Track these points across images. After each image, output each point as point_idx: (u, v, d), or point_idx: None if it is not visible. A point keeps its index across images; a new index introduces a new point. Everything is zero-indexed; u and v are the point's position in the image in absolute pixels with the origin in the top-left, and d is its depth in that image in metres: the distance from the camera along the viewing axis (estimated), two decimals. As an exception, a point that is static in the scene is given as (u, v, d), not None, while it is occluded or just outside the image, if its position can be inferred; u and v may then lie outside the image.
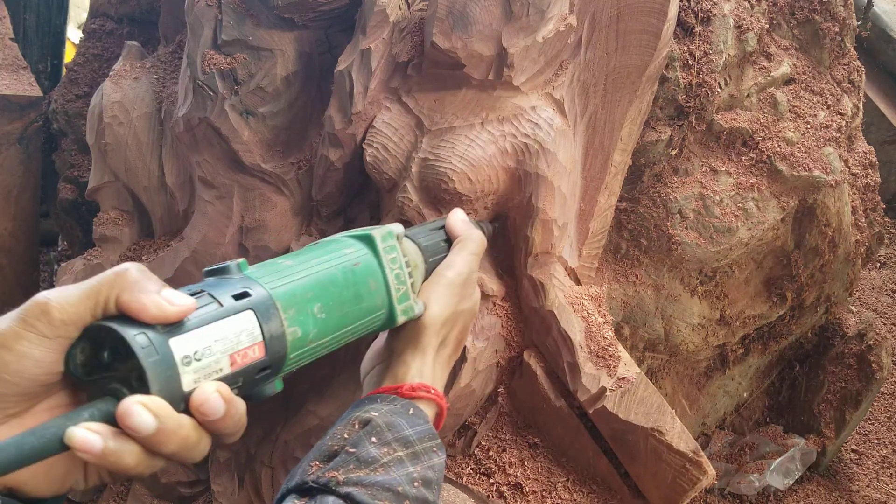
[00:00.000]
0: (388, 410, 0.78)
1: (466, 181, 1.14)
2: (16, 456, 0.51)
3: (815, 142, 1.42)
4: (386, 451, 0.74)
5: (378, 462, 0.73)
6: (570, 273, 1.23)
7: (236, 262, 0.71)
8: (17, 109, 1.82)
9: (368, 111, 1.20)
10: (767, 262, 1.51)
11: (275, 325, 0.67)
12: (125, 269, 0.60)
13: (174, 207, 1.42)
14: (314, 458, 0.75)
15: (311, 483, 0.72)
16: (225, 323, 0.63)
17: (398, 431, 0.76)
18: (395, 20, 1.19)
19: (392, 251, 0.85)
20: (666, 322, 1.44)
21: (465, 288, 0.92)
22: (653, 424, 1.10)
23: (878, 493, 1.75)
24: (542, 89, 1.20)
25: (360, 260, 0.81)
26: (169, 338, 0.59)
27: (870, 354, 1.68)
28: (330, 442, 0.76)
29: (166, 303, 0.59)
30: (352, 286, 0.78)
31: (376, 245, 0.83)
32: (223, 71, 1.24)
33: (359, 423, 0.76)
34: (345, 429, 0.76)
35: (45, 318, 0.56)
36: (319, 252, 0.80)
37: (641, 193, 1.37)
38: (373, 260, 0.82)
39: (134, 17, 1.78)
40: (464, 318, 0.93)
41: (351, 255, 0.81)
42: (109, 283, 0.59)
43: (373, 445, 0.74)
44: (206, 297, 0.64)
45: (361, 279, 0.80)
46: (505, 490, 1.17)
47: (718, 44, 1.31)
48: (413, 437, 0.77)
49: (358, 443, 0.74)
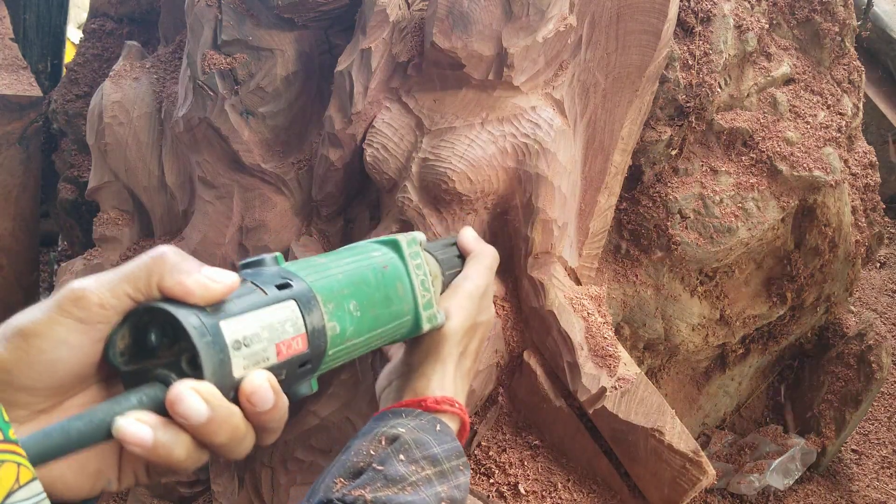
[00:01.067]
0: (415, 426, 0.76)
1: (466, 181, 1.14)
2: (61, 441, 0.47)
3: (815, 142, 1.42)
4: (414, 468, 0.72)
5: (406, 481, 0.71)
6: (570, 273, 1.23)
7: (273, 256, 0.70)
8: (17, 109, 1.82)
9: (368, 111, 1.20)
10: (767, 262, 1.51)
11: (316, 318, 0.66)
12: (163, 253, 0.57)
13: (174, 207, 1.42)
14: (338, 474, 0.73)
15: (336, 501, 0.70)
16: (271, 310, 0.61)
17: (426, 449, 0.74)
18: (395, 20, 1.19)
19: (416, 257, 0.84)
20: (666, 322, 1.44)
21: (483, 300, 0.91)
22: (653, 424, 1.10)
23: (878, 493, 1.75)
24: (542, 89, 1.20)
25: (389, 263, 0.81)
26: (220, 320, 0.57)
27: (870, 354, 1.68)
28: (355, 458, 0.73)
29: (210, 281, 0.57)
30: (382, 288, 0.78)
31: (402, 250, 0.83)
32: (223, 71, 1.24)
33: (385, 440, 0.74)
34: (370, 444, 0.74)
35: (83, 304, 0.53)
36: (349, 253, 0.79)
37: (641, 193, 1.37)
38: (400, 264, 0.82)
39: (134, 17, 1.78)
40: (482, 330, 0.92)
41: (379, 258, 0.81)
42: (148, 267, 0.56)
43: (401, 463, 0.72)
44: (249, 285, 0.63)
45: (390, 282, 0.79)
46: (505, 490, 1.17)
47: (718, 44, 1.31)
48: (441, 456, 0.75)
49: (385, 460, 0.72)
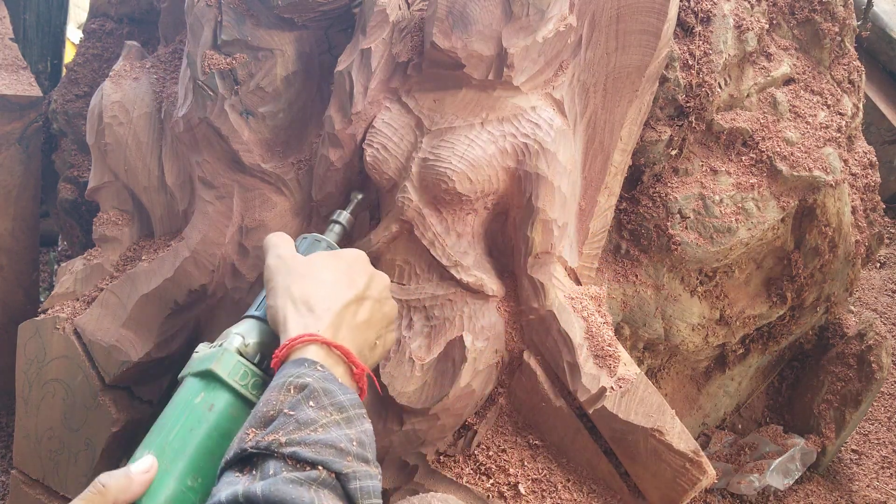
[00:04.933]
0: (320, 377, 0.80)
1: (466, 181, 1.14)
2: None
3: (815, 142, 1.42)
4: (323, 413, 0.77)
5: (317, 423, 0.75)
6: (570, 273, 1.23)
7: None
8: (17, 109, 1.82)
9: (368, 111, 1.20)
10: (767, 262, 1.51)
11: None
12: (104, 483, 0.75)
13: (174, 207, 1.42)
14: (250, 425, 0.77)
15: (249, 450, 0.74)
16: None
17: (334, 397, 0.79)
18: (395, 20, 1.19)
19: (238, 369, 0.88)
20: (666, 322, 1.44)
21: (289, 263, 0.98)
22: (653, 424, 1.10)
23: (878, 493, 1.75)
24: (542, 89, 1.20)
25: (212, 401, 0.85)
26: None
27: (870, 354, 1.68)
28: (265, 408, 0.78)
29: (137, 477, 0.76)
30: (217, 430, 0.83)
31: (221, 378, 0.86)
32: (223, 71, 1.24)
33: (294, 388, 0.78)
34: (279, 394, 0.78)
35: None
36: (175, 415, 0.85)
37: (641, 193, 1.37)
38: (224, 393, 0.86)
39: (134, 17, 1.78)
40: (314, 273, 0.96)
41: (201, 402, 0.85)
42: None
43: (311, 409, 0.76)
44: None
45: (223, 418, 0.84)
46: (505, 490, 1.17)
47: (718, 44, 1.31)
48: (347, 404, 0.79)
49: (296, 406, 0.76)
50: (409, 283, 1.21)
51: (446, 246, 1.18)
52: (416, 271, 1.21)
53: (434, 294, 1.19)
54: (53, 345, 1.39)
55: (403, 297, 1.20)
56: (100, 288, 1.43)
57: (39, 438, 1.41)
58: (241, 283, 1.30)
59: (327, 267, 0.98)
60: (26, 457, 1.44)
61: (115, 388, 1.38)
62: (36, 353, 1.41)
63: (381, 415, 1.20)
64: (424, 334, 1.19)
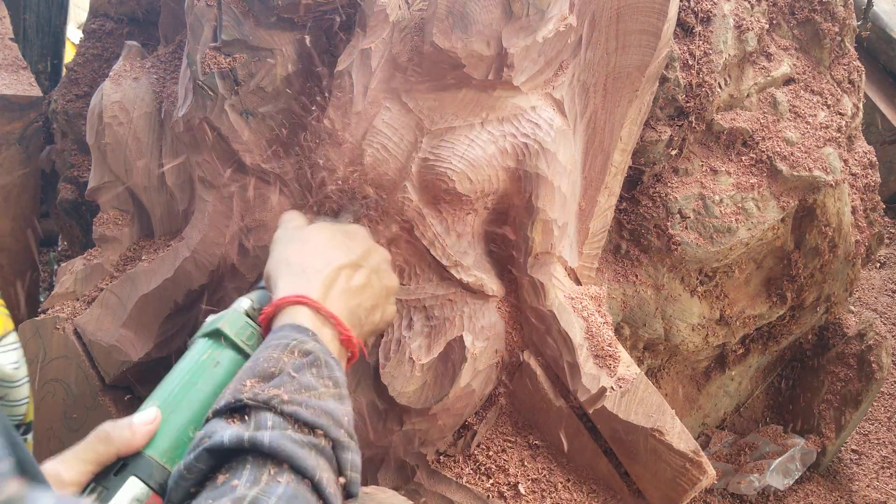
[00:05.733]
0: (322, 349, 0.81)
1: (466, 181, 1.14)
2: None
3: (815, 142, 1.42)
4: (322, 383, 0.78)
5: (317, 390, 0.76)
6: (570, 273, 1.23)
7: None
8: (17, 109, 1.82)
9: (368, 111, 1.20)
10: (767, 262, 1.51)
11: (160, 474, 0.77)
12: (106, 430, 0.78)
13: (174, 207, 1.42)
14: (247, 377, 0.77)
15: (245, 401, 0.74)
16: (117, 500, 0.74)
17: (332, 371, 0.80)
18: (395, 20, 1.19)
19: (245, 330, 0.90)
20: (666, 322, 1.44)
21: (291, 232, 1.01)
22: (653, 424, 1.10)
23: (878, 493, 1.75)
24: (542, 89, 1.19)
25: (218, 358, 0.87)
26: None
27: (870, 354, 1.68)
28: (265, 364, 0.78)
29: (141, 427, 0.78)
30: (221, 385, 0.84)
31: (228, 336, 0.88)
32: (223, 71, 1.24)
33: (299, 352, 0.79)
34: (283, 354, 0.79)
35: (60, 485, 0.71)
36: (181, 371, 0.87)
37: (641, 193, 1.37)
38: (229, 352, 0.88)
39: (134, 17, 1.78)
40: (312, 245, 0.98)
41: (207, 358, 0.87)
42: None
43: (312, 376, 0.77)
44: (97, 489, 0.76)
45: (228, 374, 0.85)
46: (505, 490, 1.17)
47: (718, 44, 1.31)
48: (341, 381, 0.81)
49: (300, 369, 0.77)
50: (409, 283, 1.21)
51: (446, 246, 1.18)
52: (416, 271, 1.21)
53: (434, 294, 1.19)
54: (53, 345, 1.39)
55: (403, 297, 1.20)
56: (100, 288, 1.43)
57: (39, 438, 1.41)
58: (241, 283, 1.30)
59: (327, 235, 1.00)
60: (26, 457, 1.44)
61: (115, 388, 1.38)
62: (36, 353, 1.41)
63: (381, 415, 1.21)
64: (424, 334, 1.19)
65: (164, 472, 0.77)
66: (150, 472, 0.77)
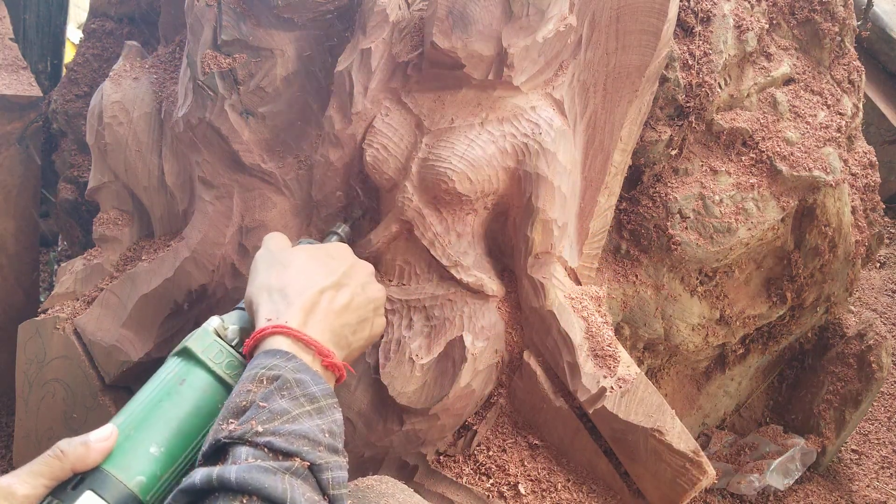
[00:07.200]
0: (293, 367, 0.82)
1: (466, 181, 1.14)
2: None
3: (815, 142, 1.42)
4: (295, 404, 0.78)
5: (290, 413, 0.77)
6: (570, 273, 1.23)
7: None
8: (17, 109, 1.82)
9: (368, 111, 1.20)
10: (767, 262, 1.51)
11: (116, 489, 0.78)
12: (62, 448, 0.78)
13: (174, 207, 1.42)
14: (223, 418, 0.78)
15: (222, 440, 0.75)
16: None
17: (306, 388, 0.80)
18: (395, 20, 1.19)
19: (212, 348, 0.90)
20: (666, 322, 1.44)
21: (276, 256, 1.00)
22: (653, 424, 1.10)
23: (878, 493, 1.75)
24: (542, 89, 1.20)
25: (184, 376, 0.88)
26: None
27: (870, 354, 1.68)
28: (237, 399, 0.79)
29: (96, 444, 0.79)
30: (185, 404, 0.86)
31: (195, 354, 0.89)
32: (223, 71, 1.24)
33: (267, 379, 0.80)
34: (252, 385, 0.80)
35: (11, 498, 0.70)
36: (148, 388, 0.87)
37: (641, 193, 1.37)
38: (197, 370, 0.88)
39: (134, 17, 1.78)
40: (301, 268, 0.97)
41: (173, 376, 0.88)
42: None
43: (283, 399, 0.78)
44: (53, 502, 0.77)
45: (193, 392, 0.87)
46: (505, 490, 1.17)
47: (718, 44, 1.31)
48: (318, 394, 0.81)
49: (269, 397, 0.78)
50: (409, 283, 1.21)
51: (446, 246, 1.18)
52: (416, 271, 1.21)
53: (434, 294, 1.19)
54: (53, 345, 1.39)
55: (403, 297, 1.20)
56: (100, 288, 1.43)
57: (39, 438, 1.41)
58: (241, 283, 1.30)
59: (308, 257, 1.00)
60: (26, 457, 1.43)
61: (115, 388, 1.38)
62: (36, 353, 1.41)
63: (381, 415, 1.21)
64: (424, 334, 1.19)
65: (120, 488, 0.78)
66: (106, 487, 0.78)
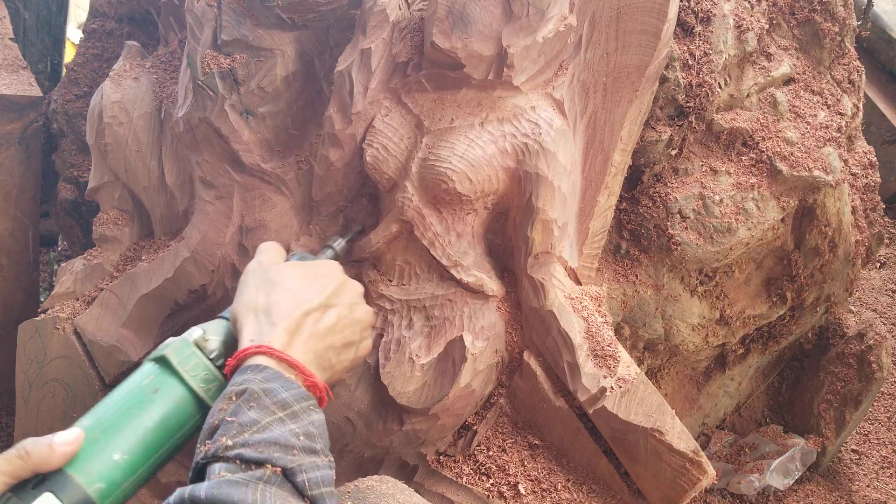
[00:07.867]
0: (262, 378, 0.82)
1: (466, 181, 1.14)
2: None
3: (815, 142, 1.42)
4: (265, 413, 0.78)
5: (259, 423, 0.77)
6: (570, 273, 1.23)
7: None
8: (17, 109, 1.82)
9: (368, 111, 1.20)
10: (767, 262, 1.51)
11: (75, 492, 0.77)
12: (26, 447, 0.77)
13: (174, 207, 1.42)
14: (200, 441, 0.79)
15: (200, 462, 0.76)
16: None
17: (275, 396, 0.80)
18: (395, 20, 1.19)
19: (190, 360, 0.90)
20: (666, 322, 1.44)
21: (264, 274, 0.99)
22: (653, 424, 1.10)
23: (878, 493, 1.75)
24: (542, 89, 1.20)
25: (158, 385, 0.87)
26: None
27: (870, 354, 1.68)
28: (210, 419, 0.80)
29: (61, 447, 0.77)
30: (155, 413, 0.85)
31: (171, 364, 0.88)
32: (223, 71, 1.24)
33: (235, 395, 0.80)
34: (222, 403, 0.80)
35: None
36: (120, 393, 0.87)
37: (641, 193, 1.37)
38: (171, 380, 0.88)
39: (134, 17, 1.78)
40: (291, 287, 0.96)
41: (147, 384, 0.87)
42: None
43: (252, 410, 0.78)
44: (11, 499, 0.76)
45: (165, 403, 0.86)
46: (505, 490, 1.17)
47: (718, 44, 1.31)
48: (290, 399, 0.81)
49: (237, 411, 0.78)
50: (409, 283, 1.21)
51: (446, 246, 1.18)
52: (416, 271, 1.21)
53: (434, 294, 1.19)
54: (53, 345, 1.39)
55: (403, 297, 1.20)
56: (100, 288, 1.43)
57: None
58: (241, 283, 1.30)
59: (297, 276, 0.98)
60: (26, 457, 1.44)
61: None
62: (36, 353, 1.41)
63: (381, 415, 1.21)
64: (424, 334, 1.19)
65: (80, 491, 0.78)
66: (66, 490, 0.77)
